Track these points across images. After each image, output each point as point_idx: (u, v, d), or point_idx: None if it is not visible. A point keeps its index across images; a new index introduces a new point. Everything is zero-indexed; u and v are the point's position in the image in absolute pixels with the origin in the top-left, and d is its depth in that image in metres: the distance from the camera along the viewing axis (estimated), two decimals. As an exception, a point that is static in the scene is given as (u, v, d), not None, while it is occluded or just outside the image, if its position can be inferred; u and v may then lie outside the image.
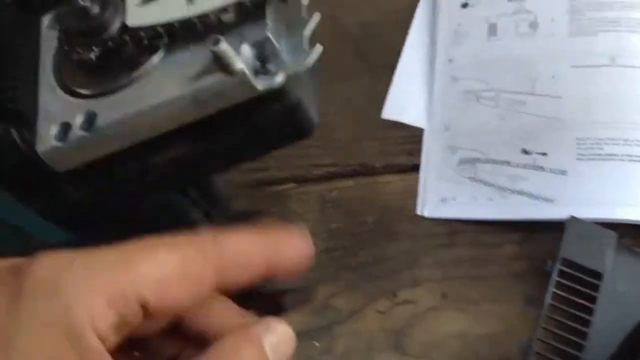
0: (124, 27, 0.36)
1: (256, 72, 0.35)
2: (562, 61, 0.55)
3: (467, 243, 0.51)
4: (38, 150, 0.36)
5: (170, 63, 0.36)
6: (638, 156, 0.49)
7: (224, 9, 0.34)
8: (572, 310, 0.45)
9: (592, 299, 0.45)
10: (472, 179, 0.53)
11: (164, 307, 0.25)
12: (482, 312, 0.49)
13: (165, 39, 0.35)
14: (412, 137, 0.56)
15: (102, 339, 0.24)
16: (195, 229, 0.30)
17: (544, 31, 0.57)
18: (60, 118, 0.37)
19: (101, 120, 0.36)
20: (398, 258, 0.51)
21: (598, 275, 0.46)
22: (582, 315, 0.45)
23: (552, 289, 0.46)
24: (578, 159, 0.50)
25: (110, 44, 0.36)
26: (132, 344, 0.28)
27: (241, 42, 0.34)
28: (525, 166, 0.51)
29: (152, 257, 0.25)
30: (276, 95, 0.35)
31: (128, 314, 0.25)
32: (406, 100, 0.57)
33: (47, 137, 0.36)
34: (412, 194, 0.54)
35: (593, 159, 0.50)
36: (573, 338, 0.44)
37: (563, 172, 0.50)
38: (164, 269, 0.25)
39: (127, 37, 0.36)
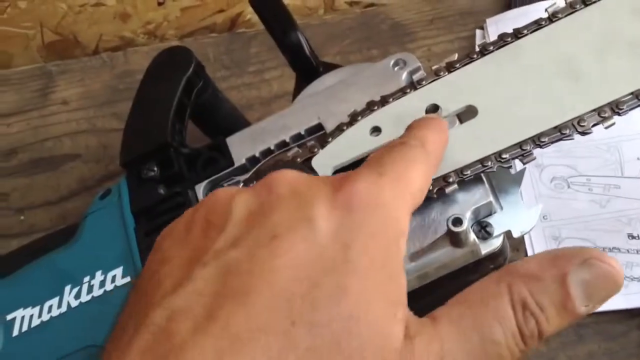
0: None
1: (477, 236, 0.34)
2: (642, 141, 0.57)
3: (595, 336, 0.52)
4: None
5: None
6: None
7: (446, 181, 0.33)
8: None
9: None
10: (585, 269, 0.53)
11: None
12: (630, 406, 0.49)
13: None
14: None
15: None
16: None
17: (616, 112, 0.58)
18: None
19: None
20: (535, 362, 0.51)
21: None
22: None
23: None
24: (686, 240, 0.52)
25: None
26: None
27: (465, 210, 0.33)
28: (638, 252, 0.53)
29: (412, 173, 0.28)
30: (491, 255, 0.34)
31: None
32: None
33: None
34: (528, 291, 0.53)
35: (701, 239, 0.52)
36: None
37: (675, 255, 0.52)
38: (420, 181, 0.28)
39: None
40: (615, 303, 0.52)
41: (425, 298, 0.36)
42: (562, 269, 0.25)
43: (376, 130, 0.37)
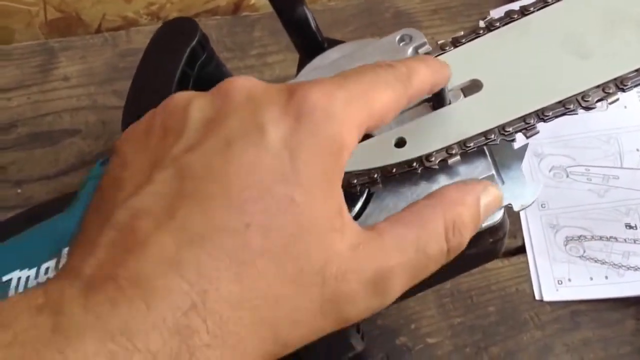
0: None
1: (477, 210, 0.33)
2: (641, 133, 0.57)
3: (590, 323, 0.52)
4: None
5: (381, 208, 0.34)
6: None
7: (449, 152, 0.33)
8: None
9: None
10: (583, 257, 0.53)
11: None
12: (623, 394, 0.49)
13: (380, 185, 0.34)
14: (509, 217, 0.56)
15: None
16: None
17: (616, 104, 0.58)
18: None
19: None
20: (530, 348, 0.51)
21: None
22: None
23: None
24: (684, 231, 0.52)
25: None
26: None
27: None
28: (635, 241, 0.53)
29: (377, 94, 0.28)
30: (490, 228, 0.34)
31: (359, 139, 0.28)
32: (495, 180, 0.58)
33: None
34: (525, 277, 0.54)
35: (699, 230, 0.52)
36: None
37: (673, 245, 0.52)
38: (384, 103, 0.28)
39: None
40: (611, 291, 0.52)
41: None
42: (476, 196, 0.31)
43: (380, 102, 0.36)
